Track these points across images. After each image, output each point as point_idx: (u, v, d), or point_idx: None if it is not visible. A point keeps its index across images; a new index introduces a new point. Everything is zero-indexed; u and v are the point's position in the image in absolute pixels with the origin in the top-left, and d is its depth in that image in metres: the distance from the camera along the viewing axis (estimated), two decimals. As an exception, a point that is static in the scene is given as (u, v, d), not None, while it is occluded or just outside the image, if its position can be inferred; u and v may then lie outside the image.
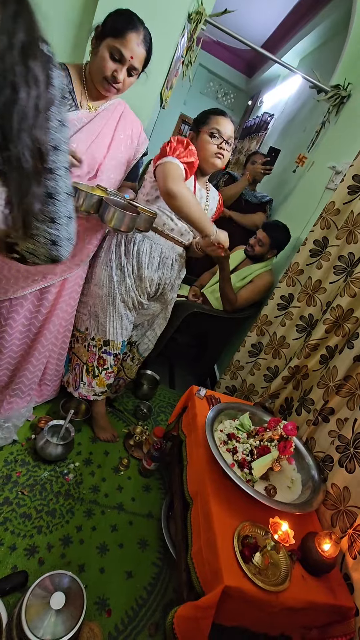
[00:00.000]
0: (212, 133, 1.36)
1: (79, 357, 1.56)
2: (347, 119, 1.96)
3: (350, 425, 1.12)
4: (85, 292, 1.49)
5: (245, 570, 0.85)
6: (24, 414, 1.50)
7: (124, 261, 1.42)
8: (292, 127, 2.95)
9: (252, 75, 4.90)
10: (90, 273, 1.47)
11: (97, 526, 1.29)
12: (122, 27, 1.09)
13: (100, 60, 1.13)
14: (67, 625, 0.87)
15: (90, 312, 1.50)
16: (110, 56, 1.12)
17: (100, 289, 1.44)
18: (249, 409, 1.36)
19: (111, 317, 1.47)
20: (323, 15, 2.65)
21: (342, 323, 1.30)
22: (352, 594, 0.93)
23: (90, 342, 1.52)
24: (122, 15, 1.12)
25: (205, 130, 1.37)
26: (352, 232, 1.34)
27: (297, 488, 1.15)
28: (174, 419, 1.48)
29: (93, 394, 1.57)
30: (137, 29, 1.11)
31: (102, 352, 1.52)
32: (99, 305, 1.46)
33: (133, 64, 1.14)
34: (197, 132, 1.39)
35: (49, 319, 1.38)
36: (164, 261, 1.46)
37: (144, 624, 1.09)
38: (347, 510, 1.04)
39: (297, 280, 1.64)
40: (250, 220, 2.42)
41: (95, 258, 1.45)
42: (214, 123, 1.36)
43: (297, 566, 0.94)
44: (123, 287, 1.44)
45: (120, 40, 1.10)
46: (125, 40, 1.10)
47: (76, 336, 1.56)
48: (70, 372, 1.61)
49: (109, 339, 1.50)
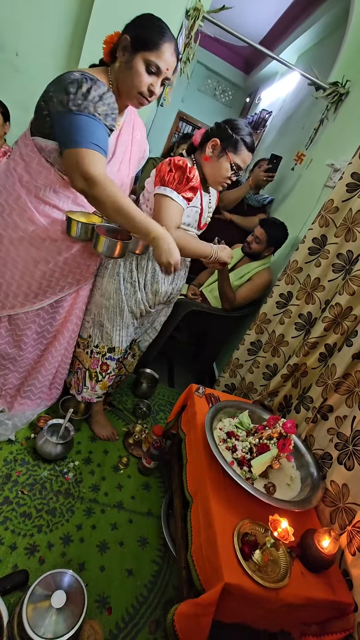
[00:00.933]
0: (234, 166, 1.30)
1: (80, 362, 1.55)
2: (345, 116, 1.96)
3: (349, 422, 1.12)
4: (89, 299, 1.46)
5: (245, 567, 0.86)
6: (28, 417, 1.51)
7: (135, 275, 1.39)
8: (290, 125, 2.94)
9: (250, 72, 4.89)
10: (96, 282, 1.44)
11: (97, 525, 1.30)
12: (157, 39, 1.03)
13: (135, 74, 1.06)
14: (68, 623, 0.87)
15: (94, 321, 1.47)
16: (146, 70, 1.05)
17: (107, 300, 1.41)
18: (248, 407, 1.37)
19: (118, 326, 1.45)
20: (321, 12, 2.64)
21: (341, 321, 1.30)
22: (351, 590, 0.94)
23: (93, 350, 1.50)
24: (153, 25, 1.05)
25: (231, 156, 1.28)
26: (350, 229, 1.34)
27: (297, 485, 1.15)
28: (173, 418, 1.49)
29: (96, 396, 1.57)
30: (170, 39, 1.06)
31: (106, 358, 1.50)
32: (105, 315, 1.44)
33: (167, 75, 1.09)
34: (224, 149, 1.28)
35: (62, 328, 1.41)
36: (178, 273, 1.46)
37: (144, 622, 1.10)
38: (346, 507, 1.05)
39: (296, 279, 1.64)
40: (251, 223, 2.42)
41: (102, 268, 1.42)
42: (241, 158, 1.30)
43: (297, 563, 0.95)
44: (133, 300, 1.42)
45: (155, 52, 1.04)
46: (161, 52, 1.04)
47: (78, 342, 1.54)
48: (72, 375, 1.60)
49: (114, 347, 1.49)
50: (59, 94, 0.97)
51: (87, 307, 1.47)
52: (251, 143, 1.30)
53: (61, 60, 2.12)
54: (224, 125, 1.29)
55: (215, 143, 1.28)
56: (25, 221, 1.14)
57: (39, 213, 1.14)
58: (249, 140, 1.29)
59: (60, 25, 2.02)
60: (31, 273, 1.22)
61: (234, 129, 1.28)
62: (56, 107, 0.98)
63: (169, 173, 1.22)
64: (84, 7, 1.98)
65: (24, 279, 1.22)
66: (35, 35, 2.01)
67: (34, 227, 1.15)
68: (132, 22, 1.07)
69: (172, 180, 1.22)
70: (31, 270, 1.21)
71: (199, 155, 1.34)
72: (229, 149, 1.28)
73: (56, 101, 0.98)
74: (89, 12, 1.95)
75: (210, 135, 1.30)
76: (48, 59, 2.10)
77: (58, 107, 0.97)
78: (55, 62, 2.11)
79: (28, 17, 1.97)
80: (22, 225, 1.15)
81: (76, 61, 2.07)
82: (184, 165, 1.22)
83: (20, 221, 1.14)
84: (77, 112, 0.96)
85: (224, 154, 1.28)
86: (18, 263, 1.19)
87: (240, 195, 2.38)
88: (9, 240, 1.16)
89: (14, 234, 1.16)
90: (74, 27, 2.03)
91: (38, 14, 1.97)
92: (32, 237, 1.17)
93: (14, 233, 1.15)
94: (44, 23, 1.99)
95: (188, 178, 1.22)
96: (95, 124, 0.99)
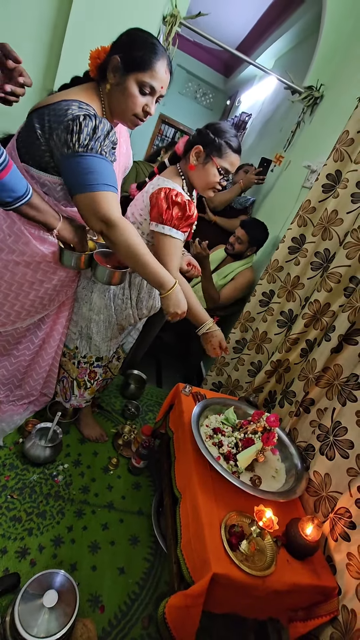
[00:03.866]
0: (221, 170, 1.25)
1: (66, 371, 1.54)
2: (320, 119, 2.02)
3: (329, 414, 1.17)
4: (76, 310, 1.42)
5: (232, 557, 0.88)
6: (16, 421, 1.51)
7: (127, 292, 1.38)
8: (269, 127, 3.01)
9: (230, 75, 4.96)
10: (83, 296, 1.39)
11: (88, 525, 1.31)
12: (149, 58, 0.99)
13: (129, 97, 1.03)
14: (61, 622, 0.88)
15: (81, 333, 1.45)
16: (140, 91, 1.02)
17: (97, 315, 1.39)
18: (234, 403, 1.40)
19: (107, 338, 1.45)
20: (296, 17, 2.72)
21: (320, 317, 1.35)
22: (335, 575, 0.98)
23: (80, 360, 1.48)
24: (144, 43, 1.00)
25: (217, 161, 1.23)
26: (327, 229, 1.39)
27: (282, 477, 1.19)
28: (162, 417, 1.51)
29: (84, 402, 1.57)
30: (163, 55, 1.01)
31: (94, 367, 1.50)
32: (94, 329, 1.41)
33: (162, 93, 1.06)
34: (208, 155, 1.23)
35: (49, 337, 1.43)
36: None
37: (137, 618, 1.11)
38: (328, 496, 1.09)
39: (277, 277, 1.68)
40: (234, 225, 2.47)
41: (90, 282, 1.37)
42: (228, 161, 1.24)
43: (282, 551, 0.98)
44: (123, 315, 1.41)
45: (149, 72, 1.00)
46: (155, 72, 1.01)
47: (63, 351, 1.52)
48: (58, 383, 1.59)
49: (102, 356, 1.49)
50: (60, 132, 0.93)
51: (74, 317, 1.44)
52: (237, 145, 1.25)
53: (40, 67, 2.11)
54: (205, 131, 1.24)
55: (199, 150, 1.23)
56: (21, 246, 1.11)
57: (34, 238, 1.11)
58: (234, 142, 1.24)
59: (36, 27, 2.02)
60: (25, 294, 1.21)
61: (217, 133, 1.22)
62: (60, 148, 0.94)
63: (167, 211, 1.17)
64: (62, 12, 1.98)
65: (18, 300, 1.21)
66: (10, 43, 2.00)
67: (30, 252, 1.13)
68: (121, 41, 1.03)
69: (170, 218, 1.18)
70: (26, 292, 1.21)
71: (184, 165, 1.29)
72: (214, 154, 1.22)
73: (58, 140, 0.94)
74: (66, 17, 1.96)
75: (193, 143, 1.25)
76: (25, 66, 2.09)
77: (62, 149, 0.93)
78: (33, 69, 2.11)
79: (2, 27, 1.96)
80: (17, 249, 1.12)
81: (54, 68, 2.07)
82: (183, 203, 1.18)
83: (16, 246, 1.11)
84: (84, 153, 0.93)
85: (209, 160, 1.23)
86: (12, 285, 1.18)
87: (231, 197, 2.44)
88: (4, 264, 1.14)
89: (9, 257, 1.13)
90: (52, 32, 2.04)
91: (15, 22, 1.96)
92: (27, 262, 1.15)
93: (9, 257, 1.13)
94: (21, 25, 1.99)
95: (188, 216, 1.21)
96: (105, 164, 0.96)
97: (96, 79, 1.09)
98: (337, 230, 1.35)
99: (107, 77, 1.04)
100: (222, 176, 1.26)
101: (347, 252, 1.26)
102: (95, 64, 1.07)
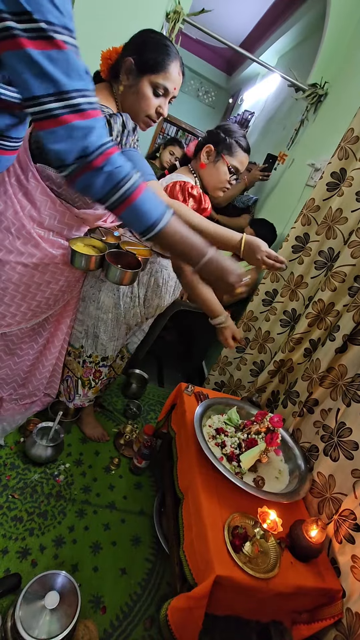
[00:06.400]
0: (232, 169, 1.29)
1: (70, 370, 1.53)
2: (324, 117, 2.01)
3: (333, 415, 1.16)
4: (82, 309, 1.41)
5: (235, 559, 0.87)
6: (17, 420, 1.50)
7: (135, 290, 1.38)
8: (272, 125, 2.99)
9: (232, 73, 4.93)
10: (90, 294, 1.39)
11: (89, 526, 1.30)
12: (163, 60, 1.00)
13: (142, 99, 1.04)
14: (62, 623, 0.88)
15: (87, 332, 1.44)
16: (153, 92, 1.03)
17: (105, 314, 1.39)
18: (237, 403, 1.39)
19: (114, 337, 1.45)
20: (299, 14, 2.69)
21: (323, 316, 1.34)
22: (339, 577, 0.97)
23: (86, 359, 1.48)
24: (157, 44, 1.00)
25: (227, 160, 1.27)
26: (331, 227, 1.37)
27: (285, 478, 1.18)
28: (164, 417, 1.50)
29: (88, 401, 1.57)
30: (176, 56, 1.02)
31: (100, 366, 1.50)
32: (102, 328, 1.41)
33: (175, 94, 1.07)
34: (219, 153, 1.28)
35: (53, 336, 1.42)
36: (176, 283, 1.46)
37: (139, 619, 1.11)
38: (332, 498, 1.08)
39: (280, 276, 1.67)
40: (236, 223, 2.46)
41: (98, 281, 1.37)
42: (238, 159, 1.29)
43: (286, 553, 0.97)
44: (131, 314, 1.41)
45: (163, 74, 1.01)
46: (168, 73, 1.01)
47: (68, 350, 1.51)
48: (62, 383, 1.58)
49: (107, 355, 1.49)
50: None
51: (80, 317, 1.43)
52: (246, 144, 1.30)
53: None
54: (216, 131, 1.29)
55: (210, 149, 1.28)
56: (30, 248, 1.10)
57: (44, 241, 1.10)
58: (243, 141, 1.29)
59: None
60: (32, 296, 1.20)
61: (227, 133, 1.27)
62: None
63: (183, 202, 1.20)
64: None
65: (25, 301, 1.20)
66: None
67: (40, 254, 1.12)
68: (133, 42, 1.03)
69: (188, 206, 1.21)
70: (33, 293, 1.20)
71: (195, 164, 1.33)
72: (224, 153, 1.27)
73: None
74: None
75: (204, 143, 1.30)
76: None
77: None
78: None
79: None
80: (26, 252, 1.11)
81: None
82: (198, 195, 1.23)
83: (25, 248, 1.10)
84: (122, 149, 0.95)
85: (219, 158, 1.28)
86: (20, 287, 1.16)
87: (235, 193, 2.42)
88: (12, 266, 1.12)
89: (18, 260, 1.11)
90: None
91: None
92: (36, 264, 1.13)
93: (18, 259, 1.11)
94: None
95: (204, 209, 1.24)
96: (139, 156, 0.99)
97: (108, 79, 1.09)
98: (342, 229, 1.34)
99: (120, 79, 1.04)
100: (232, 174, 1.30)
101: (352, 251, 1.25)
102: (107, 64, 1.07)
